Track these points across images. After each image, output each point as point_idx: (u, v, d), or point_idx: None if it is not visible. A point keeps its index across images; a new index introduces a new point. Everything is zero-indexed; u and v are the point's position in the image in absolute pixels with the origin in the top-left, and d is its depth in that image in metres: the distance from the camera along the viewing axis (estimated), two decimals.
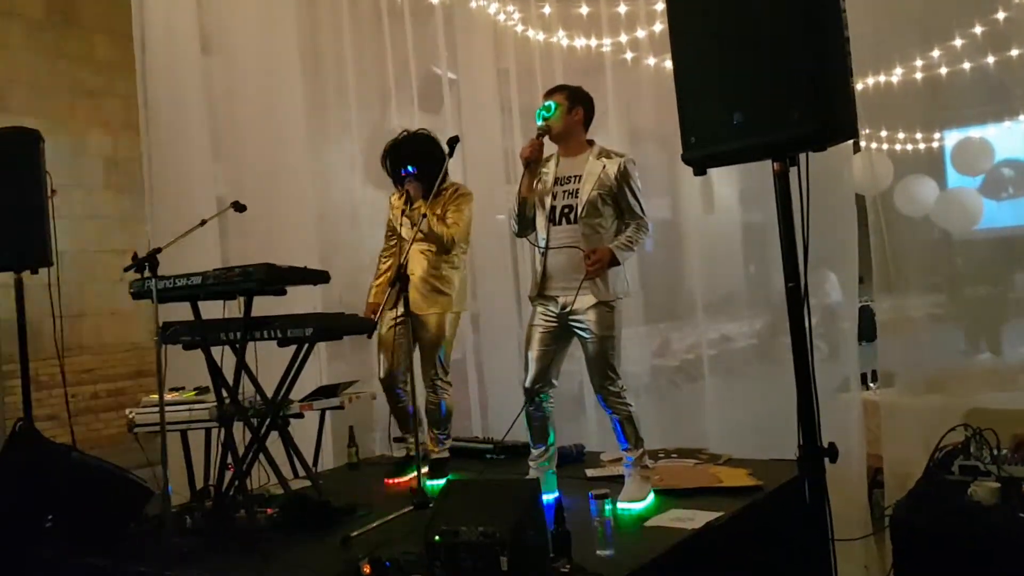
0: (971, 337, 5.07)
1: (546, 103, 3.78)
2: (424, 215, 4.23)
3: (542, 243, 3.78)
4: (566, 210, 3.74)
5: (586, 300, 3.65)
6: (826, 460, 2.54)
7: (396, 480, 4.39)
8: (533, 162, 3.77)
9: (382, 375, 4.52)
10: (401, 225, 4.49)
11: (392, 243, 4.64)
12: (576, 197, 3.73)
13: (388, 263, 4.61)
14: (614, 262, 3.63)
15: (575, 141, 3.83)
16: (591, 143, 3.85)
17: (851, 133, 2.56)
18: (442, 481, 4.15)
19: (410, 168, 4.35)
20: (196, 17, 5.09)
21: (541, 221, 3.81)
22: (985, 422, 3.55)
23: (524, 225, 3.89)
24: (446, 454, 4.55)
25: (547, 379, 3.81)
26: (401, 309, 4.00)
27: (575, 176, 3.76)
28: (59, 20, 7.40)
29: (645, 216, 3.77)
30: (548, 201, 3.77)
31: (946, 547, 3.13)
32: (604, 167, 3.72)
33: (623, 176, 3.71)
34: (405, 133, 4.59)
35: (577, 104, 3.81)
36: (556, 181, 3.79)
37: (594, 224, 3.70)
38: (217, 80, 5.25)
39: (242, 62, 5.19)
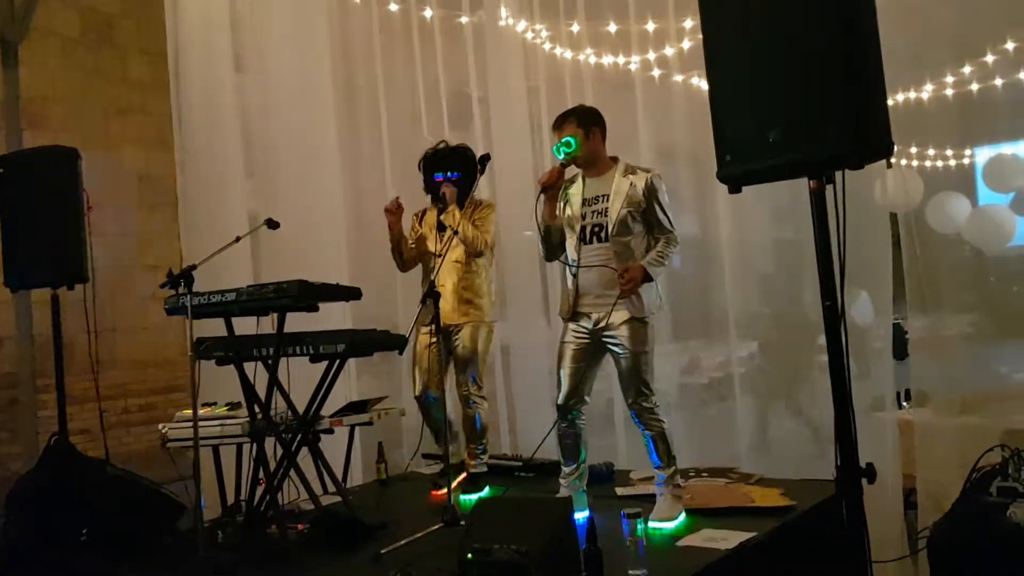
0: (1006, 356, 5.00)
1: (564, 139, 3.77)
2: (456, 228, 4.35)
3: (573, 262, 3.79)
4: (596, 229, 3.75)
5: (620, 316, 3.65)
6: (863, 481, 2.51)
7: (439, 492, 4.39)
8: (551, 188, 3.78)
9: (417, 393, 4.57)
10: (428, 239, 4.58)
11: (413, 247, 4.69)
12: (606, 216, 3.73)
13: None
14: (647, 278, 3.63)
15: (600, 161, 3.84)
16: (615, 160, 3.86)
17: (887, 151, 2.53)
18: (478, 495, 4.26)
19: (452, 174, 4.49)
20: (230, 36, 5.16)
21: (572, 241, 3.81)
22: (1023, 443, 3.50)
23: (552, 251, 3.92)
24: (484, 468, 4.58)
25: (580, 396, 3.81)
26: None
27: (603, 195, 3.77)
28: (94, 39, 7.51)
29: (674, 230, 3.77)
30: (578, 222, 3.78)
31: (986, 569, 3.08)
32: (632, 184, 3.73)
33: (651, 192, 3.72)
34: (444, 144, 4.72)
35: (591, 126, 3.81)
36: (584, 202, 3.80)
37: (625, 241, 3.71)
38: (250, 98, 5.31)
39: (275, 80, 5.25)
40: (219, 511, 4.21)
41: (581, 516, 3.55)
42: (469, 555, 2.83)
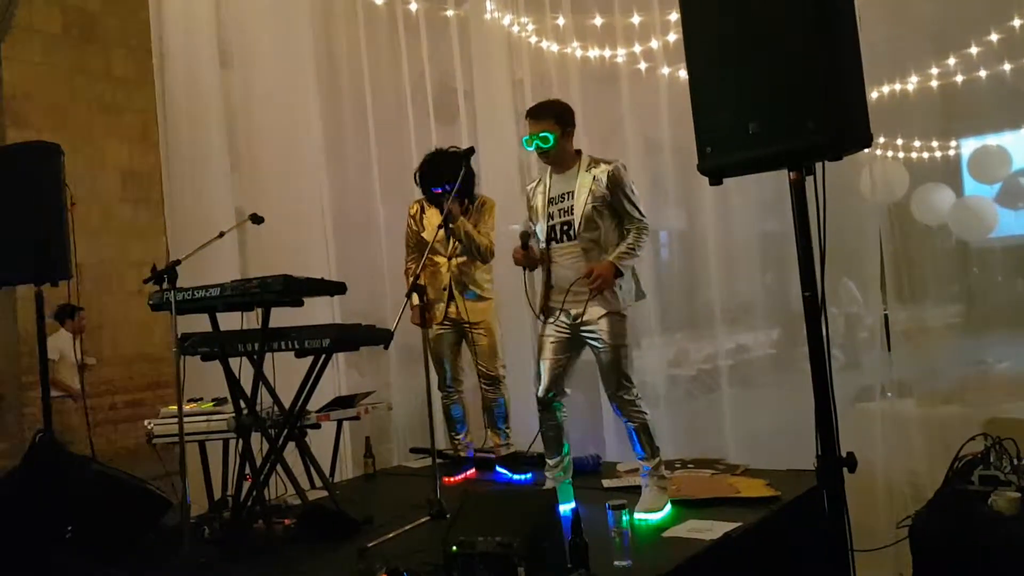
0: (989, 346, 5.03)
1: (541, 134, 3.73)
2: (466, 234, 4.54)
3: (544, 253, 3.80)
4: (565, 227, 3.75)
5: (597, 311, 3.65)
6: (845, 470, 2.53)
7: (453, 479, 4.57)
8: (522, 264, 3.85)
9: (449, 383, 4.80)
10: (435, 239, 4.57)
11: (414, 254, 4.78)
12: (572, 214, 3.73)
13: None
14: (617, 274, 3.62)
15: (568, 158, 3.84)
16: (579, 153, 3.86)
17: (866, 142, 2.55)
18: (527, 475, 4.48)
19: (447, 187, 4.36)
20: (215, 32, 5.14)
21: (541, 234, 3.82)
22: (1005, 432, 3.52)
23: (533, 269, 3.93)
24: (513, 448, 4.72)
25: (560, 388, 3.82)
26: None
27: (568, 193, 3.76)
28: (77, 36, 7.48)
29: (644, 218, 3.76)
30: (545, 221, 3.78)
31: (967, 557, 3.10)
32: (595, 178, 3.72)
33: (615, 183, 3.70)
34: (437, 151, 4.75)
35: (568, 126, 3.81)
36: (550, 201, 3.80)
37: (593, 237, 3.70)
38: (235, 93, 5.30)
39: (259, 75, 5.24)
40: (206, 507, 4.21)
41: (566, 508, 3.56)
42: (454, 548, 2.83)
